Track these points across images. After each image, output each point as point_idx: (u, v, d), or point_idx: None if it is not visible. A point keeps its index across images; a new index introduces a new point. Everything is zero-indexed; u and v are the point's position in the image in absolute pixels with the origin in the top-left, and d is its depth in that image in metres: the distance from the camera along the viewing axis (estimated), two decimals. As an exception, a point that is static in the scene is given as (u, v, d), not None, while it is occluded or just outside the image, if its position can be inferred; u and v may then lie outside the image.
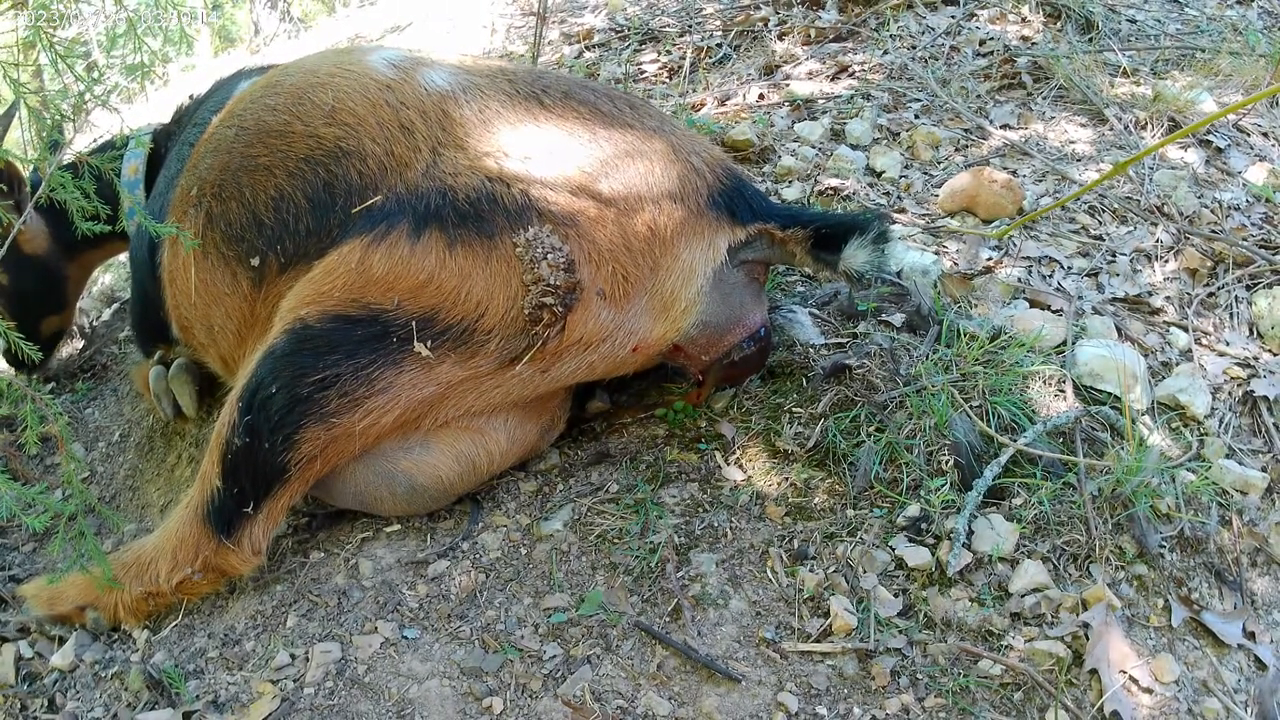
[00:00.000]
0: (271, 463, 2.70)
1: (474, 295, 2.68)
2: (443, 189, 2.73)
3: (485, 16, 6.69)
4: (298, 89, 3.03)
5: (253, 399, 2.68)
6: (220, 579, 2.83)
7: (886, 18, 5.45)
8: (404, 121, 2.86)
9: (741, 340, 2.98)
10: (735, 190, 2.96)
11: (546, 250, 2.66)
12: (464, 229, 2.69)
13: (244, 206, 2.96)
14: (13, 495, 2.44)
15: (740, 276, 2.99)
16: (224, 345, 3.16)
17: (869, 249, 2.89)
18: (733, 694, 2.43)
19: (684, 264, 2.83)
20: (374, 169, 2.82)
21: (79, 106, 3.34)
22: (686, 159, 2.93)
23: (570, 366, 2.82)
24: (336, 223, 2.83)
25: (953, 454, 2.84)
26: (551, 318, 2.69)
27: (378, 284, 2.68)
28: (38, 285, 3.97)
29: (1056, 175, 4.09)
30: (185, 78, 8.10)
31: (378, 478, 2.88)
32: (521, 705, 2.43)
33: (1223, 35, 5.22)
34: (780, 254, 3.01)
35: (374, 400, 2.69)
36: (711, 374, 3.06)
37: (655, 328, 2.85)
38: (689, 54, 5.42)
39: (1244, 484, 2.86)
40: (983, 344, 3.09)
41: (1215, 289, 3.57)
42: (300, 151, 2.91)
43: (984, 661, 2.46)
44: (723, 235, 2.90)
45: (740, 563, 2.73)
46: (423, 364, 2.70)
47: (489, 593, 2.74)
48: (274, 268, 2.93)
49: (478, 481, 2.99)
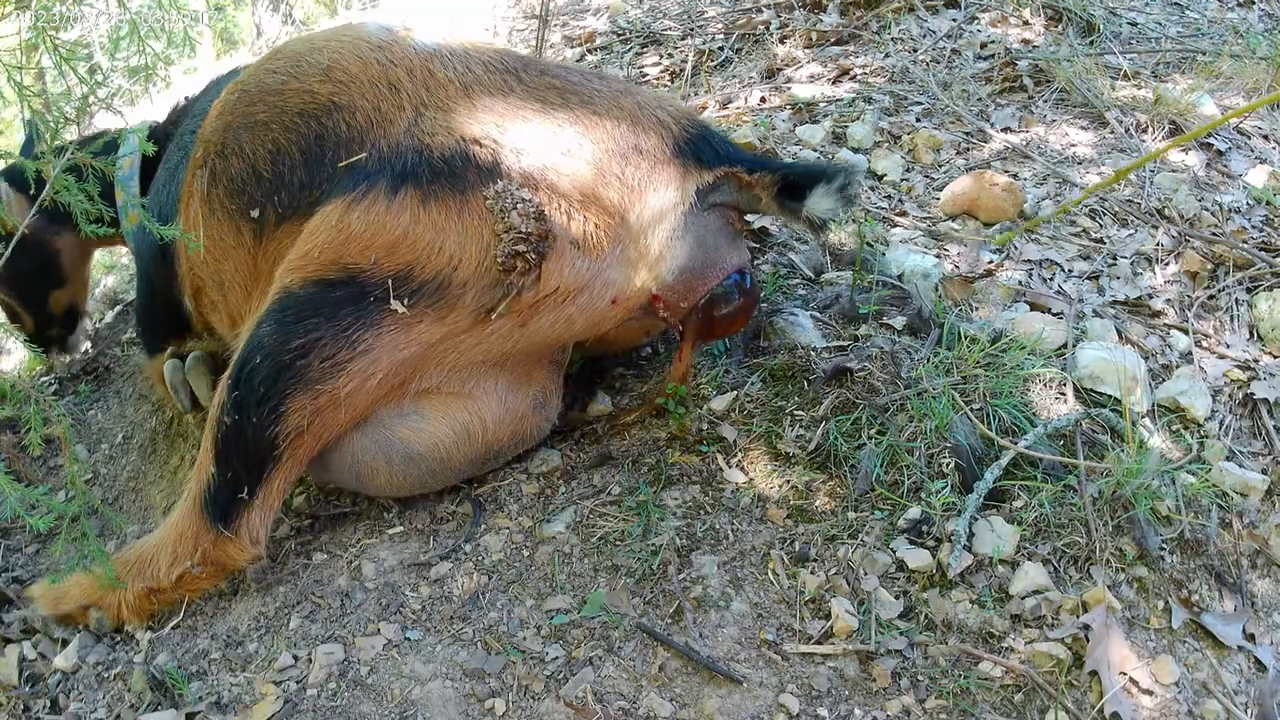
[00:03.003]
0: (261, 438, 2.71)
1: (447, 249, 2.73)
2: (419, 147, 2.80)
3: (487, 19, 6.70)
4: (296, 53, 3.13)
5: (240, 374, 2.72)
6: (220, 573, 2.85)
7: (888, 21, 5.45)
8: (391, 79, 2.94)
9: (719, 284, 2.98)
10: (700, 137, 3.00)
11: (516, 200, 2.70)
12: (437, 185, 2.75)
13: (244, 161, 3.04)
14: (16, 496, 2.45)
15: (714, 220, 3.02)
16: (233, 300, 3.22)
17: (833, 198, 2.89)
18: (734, 695, 2.44)
19: (654, 211, 2.86)
20: (361, 122, 2.90)
21: (82, 109, 3.36)
22: (651, 114, 2.99)
23: (548, 320, 2.84)
24: (325, 176, 2.90)
25: (954, 456, 2.84)
26: (525, 265, 2.71)
27: (355, 242, 2.73)
28: (29, 262, 3.98)
29: (1058, 178, 4.10)
30: (187, 80, 8.11)
31: (374, 446, 2.90)
32: (524, 706, 2.44)
33: (1224, 38, 5.22)
34: (748, 199, 3.03)
35: (356, 363, 2.71)
36: (691, 325, 3.03)
37: (633, 278, 2.87)
38: (691, 57, 5.42)
39: (1244, 486, 2.86)
40: (984, 347, 3.09)
41: (1216, 291, 3.57)
42: (295, 106, 2.99)
43: (985, 663, 2.47)
44: (690, 179, 2.93)
45: (742, 565, 2.74)
46: (401, 323, 2.73)
47: (491, 594, 2.74)
48: (272, 220, 3.00)
49: (472, 452, 2.99)
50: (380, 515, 3.10)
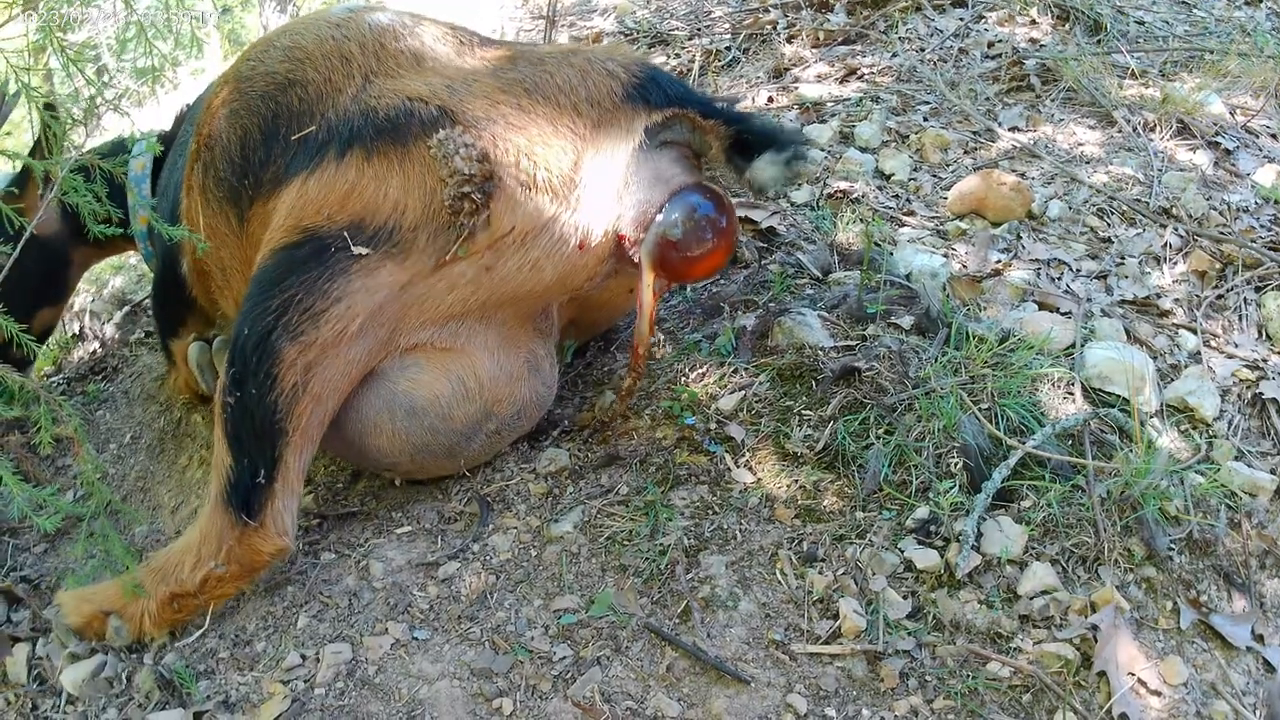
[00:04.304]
0: (263, 406, 2.71)
1: (391, 195, 2.78)
2: (365, 110, 2.86)
3: (494, 20, 6.70)
4: (268, 40, 3.23)
5: (233, 352, 2.74)
6: (246, 573, 2.79)
7: (895, 20, 5.45)
8: (344, 53, 3.00)
9: (667, 202, 2.91)
10: (649, 79, 2.99)
11: (459, 146, 2.74)
12: (380, 140, 2.81)
13: (224, 149, 3.10)
14: (24, 497, 2.45)
15: (668, 155, 3.00)
16: (235, 286, 3.26)
17: (779, 167, 2.89)
18: (742, 695, 2.44)
19: (606, 154, 2.88)
20: (312, 95, 2.96)
21: (90, 110, 3.36)
22: (601, 66, 3.00)
23: (514, 264, 2.85)
24: (280, 151, 2.96)
25: (961, 456, 2.84)
26: (472, 206, 2.74)
27: (311, 205, 2.79)
28: (39, 269, 3.80)
29: (1065, 177, 4.09)
30: (195, 81, 8.11)
31: (379, 399, 2.91)
32: (531, 706, 2.44)
33: (1231, 37, 5.21)
34: (700, 142, 3.03)
35: (333, 310, 2.73)
36: (646, 253, 2.93)
37: (593, 220, 2.87)
38: (698, 57, 5.43)
39: (1253, 486, 2.86)
40: (991, 346, 3.09)
41: (1224, 291, 3.57)
42: (259, 89, 3.06)
43: (993, 664, 2.47)
44: (639, 119, 2.93)
45: (750, 565, 2.74)
46: (366, 269, 2.76)
47: (499, 594, 2.74)
48: (247, 202, 3.06)
49: (471, 410, 2.98)
50: (388, 515, 3.10)
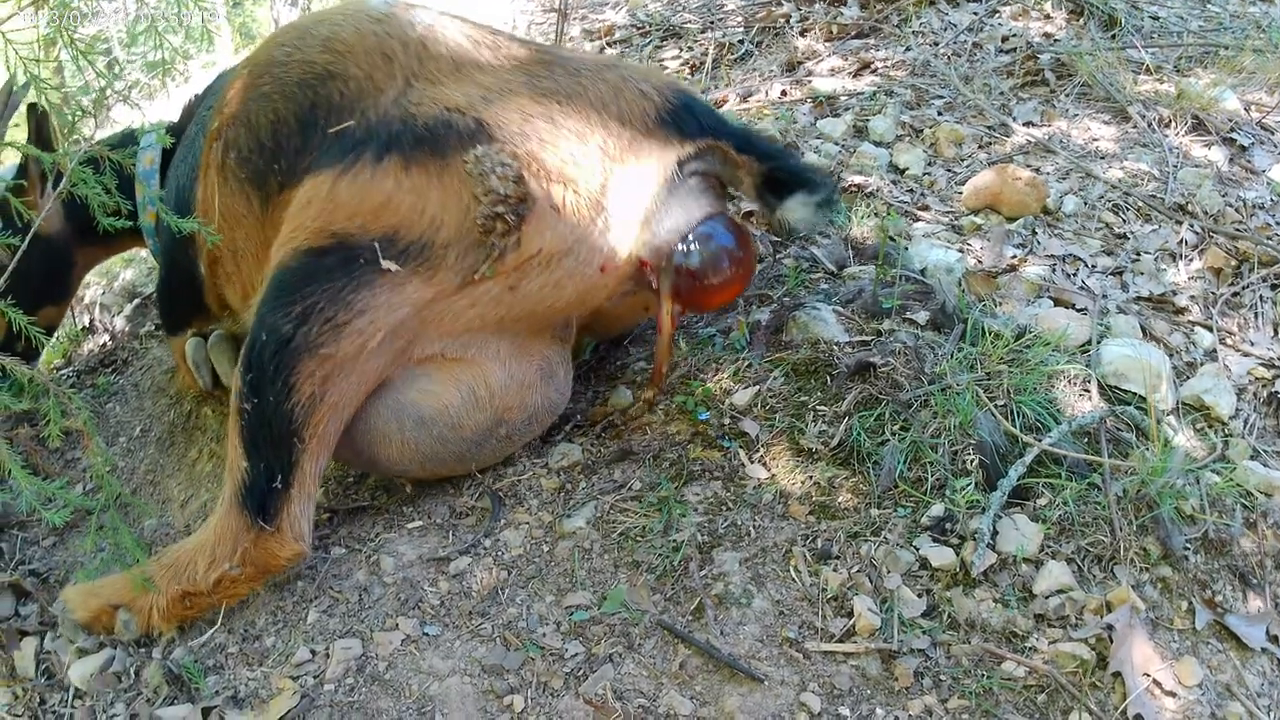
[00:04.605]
0: (280, 414, 2.71)
1: (429, 211, 2.77)
2: (405, 116, 2.86)
3: (506, 13, 6.69)
4: (303, 27, 3.21)
5: (249, 357, 2.73)
6: (261, 575, 2.79)
7: (908, 14, 5.43)
8: (386, 50, 2.99)
9: (691, 233, 2.96)
10: (683, 106, 3.00)
11: (495, 164, 2.73)
12: (419, 151, 2.80)
13: (251, 131, 3.09)
14: (32, 490, 2.44)
15: (696, 184, 3.02)
16: (246, 269, 3.26)
17: (810, 209, 2.90)
18: (755, 693, 2.43)
19: (636, 180, 2.88)
20: (354, 91, 2.96)
21: (100, 102, 3.36)
22: (635, 86, 3.00)
23: (537, 283, 2.86)
24: (316, 143, 2.95)
25: (977, 453, 2.83)
26: (505, 227, 2.74)
27: (344, 210, 2.78)
28: (42, 267, 3.77)
29: (1080, 173, 4.07)
30: (206, 74, 8.12)
31: (387, 411, 2.91)
32: (543, 703, 2.43)
33: (1246, 32, 5.20)
34: (731, 175, 3.04)
35: (355, 323, 2.73)
36: (664, 280, 2.99)
37: (618, 245, 2.89)
38: (711, 50, 5.41)
39: (1269, 486, 2.84)
40: (1007, 342, 3.07)
41: (1240, 288, 3.55)
42: (295, 76, 3.05)
43: (1008, 663, 2.45)
44: (671, 149, 2.94)
45: (763, 562, 2.72)
46: (393, 284, 2.75)
47: (510, 590, 2.74)
48: (275, 187, 3.05)
49: (481, 419, 2.98)
50: (399, 510, 3.10)
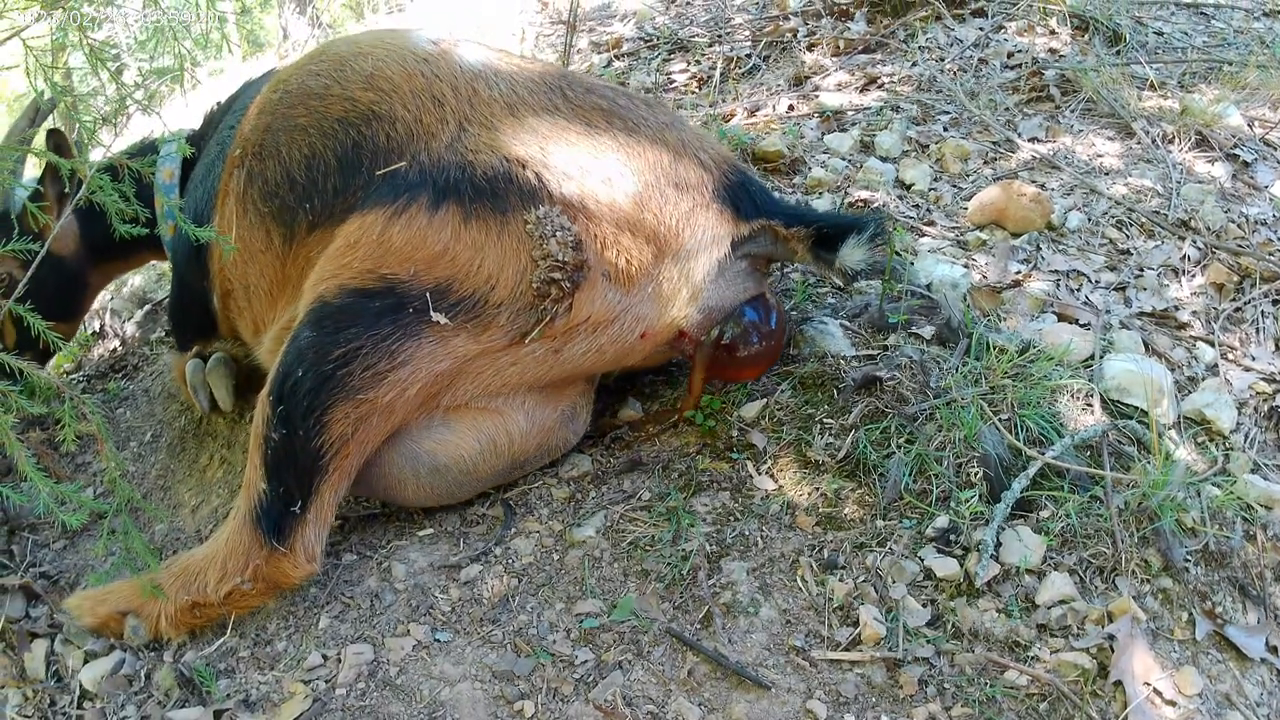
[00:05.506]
0: (308, 450, 2.71)
1: (486, 268, 2.75)
2: (463, 163, 2.82)
3: (514, 24, 6.72)
4: (340, 57, 3.13)
5: (282, 388, 2.72)
6: (271, 591, 2.81)
7: (915, 29, 5.46)
8: (436, 93, 2.95)
9: (732, 315, 3.02)
10: (740, 185, 3.03)
11: (555, 228, 2.73)
12: (479, 204, 2.77)
13: (280, 165, 3.06)
14: (49, 492, 2.46)
15: (744, 267, 3.06)
16: (257, 306, 3.24)
17: (865, 248, 2.94)
18: (762, 701, 2.46)
19: (688, 254, 2.90)
20: (402, 134, 2.91)
21: (119, 108, 3.38)
22: (694, 154, 3.01)
23: (581, 348, 2.88)
24: (360, 184, 2.92)
25: (982, 466, 2.85)
26: (559, 293, 2.75)
27: (396, 254, 2.75)
28: (55, 287, 3.84)
29: (1085, 189, 4.10)
30: (214, 81, 8.15)
31: (402, 459, 2.91)
32: (553, 709, 2.46)
33: (1250, 48, 5.22)
34: (783, 251, 3.07)
35: (396, 373, 2.73)
36: (702, 358, 3.06)
37: (662, 314, 2.91)
38: (719, 64, 5.44)
39: (1269, 499, 2.86)
40: (1012, 357, 3.10)
41: (1242, 304, 3.58)
42: (335, 113, 3.01)
43: (1010, 672, 2.48)
44: (726, 228, 2.97)
45: (771, 571, 2.76)
46: (439, 336, 2.75)
47: (521, 597, 2.77)
48: (304, 226, 3.01)
49: (498, 464, 3.01)
50: (410, 517, 3.12)
